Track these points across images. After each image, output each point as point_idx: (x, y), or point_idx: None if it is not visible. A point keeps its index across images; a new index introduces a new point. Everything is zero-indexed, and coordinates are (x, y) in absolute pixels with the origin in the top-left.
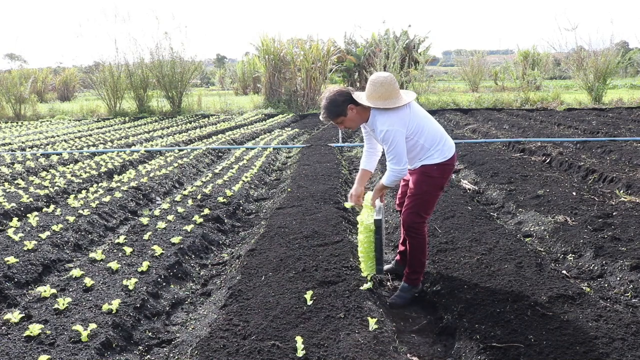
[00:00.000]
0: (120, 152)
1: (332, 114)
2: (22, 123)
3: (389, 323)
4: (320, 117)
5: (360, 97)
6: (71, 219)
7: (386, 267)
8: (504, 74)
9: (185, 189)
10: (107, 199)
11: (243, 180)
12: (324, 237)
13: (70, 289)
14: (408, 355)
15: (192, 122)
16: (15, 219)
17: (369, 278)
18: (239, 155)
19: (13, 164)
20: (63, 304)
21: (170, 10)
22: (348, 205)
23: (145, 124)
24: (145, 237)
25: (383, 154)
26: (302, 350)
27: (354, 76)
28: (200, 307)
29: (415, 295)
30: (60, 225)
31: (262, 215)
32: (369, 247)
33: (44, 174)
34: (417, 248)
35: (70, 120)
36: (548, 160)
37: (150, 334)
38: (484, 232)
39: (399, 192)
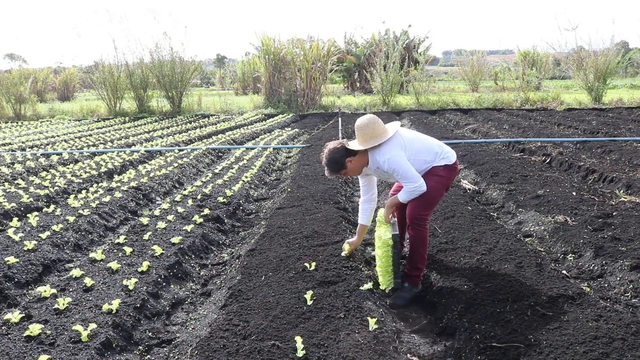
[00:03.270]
0: (120, 152)
1: (334, 170)
2: (22, 123)
3: (389, 323)
4: (326, 174)
5: (353, 144)
6: (71, 219)
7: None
8: (504, 74)
9: (185, 189)
10: (107, 199)
11: (243, 180)
12: (324, 237)
13: (70, 289)
14: (408, 355)
15: (192, 122)
16: (15, 219)
17: (387, 291)
18: (239, 155)
19: (13, 164)
20: (63, 304)
21: (169, 10)
22: (345, 252)
23: (145, 124)
24: (145, 237)
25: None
26: (302, 350)
27: (354, 76)
28: (200, 307)
29: (416, 295)
30: (60, 225)
31: (262, 215)
32: (387, 261)
33: (44, 174)
34: (419, 241)
35: (70, 120)
36: (548, 160)
37: (150, 334)
38: (484, 232)
39: (392, 190)
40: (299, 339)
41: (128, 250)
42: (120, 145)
